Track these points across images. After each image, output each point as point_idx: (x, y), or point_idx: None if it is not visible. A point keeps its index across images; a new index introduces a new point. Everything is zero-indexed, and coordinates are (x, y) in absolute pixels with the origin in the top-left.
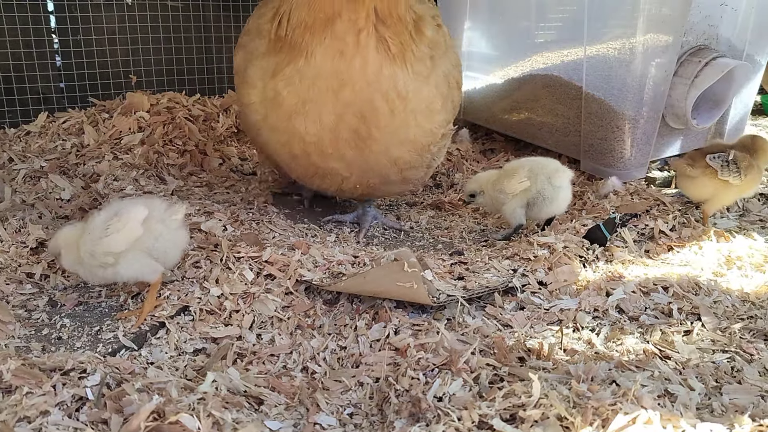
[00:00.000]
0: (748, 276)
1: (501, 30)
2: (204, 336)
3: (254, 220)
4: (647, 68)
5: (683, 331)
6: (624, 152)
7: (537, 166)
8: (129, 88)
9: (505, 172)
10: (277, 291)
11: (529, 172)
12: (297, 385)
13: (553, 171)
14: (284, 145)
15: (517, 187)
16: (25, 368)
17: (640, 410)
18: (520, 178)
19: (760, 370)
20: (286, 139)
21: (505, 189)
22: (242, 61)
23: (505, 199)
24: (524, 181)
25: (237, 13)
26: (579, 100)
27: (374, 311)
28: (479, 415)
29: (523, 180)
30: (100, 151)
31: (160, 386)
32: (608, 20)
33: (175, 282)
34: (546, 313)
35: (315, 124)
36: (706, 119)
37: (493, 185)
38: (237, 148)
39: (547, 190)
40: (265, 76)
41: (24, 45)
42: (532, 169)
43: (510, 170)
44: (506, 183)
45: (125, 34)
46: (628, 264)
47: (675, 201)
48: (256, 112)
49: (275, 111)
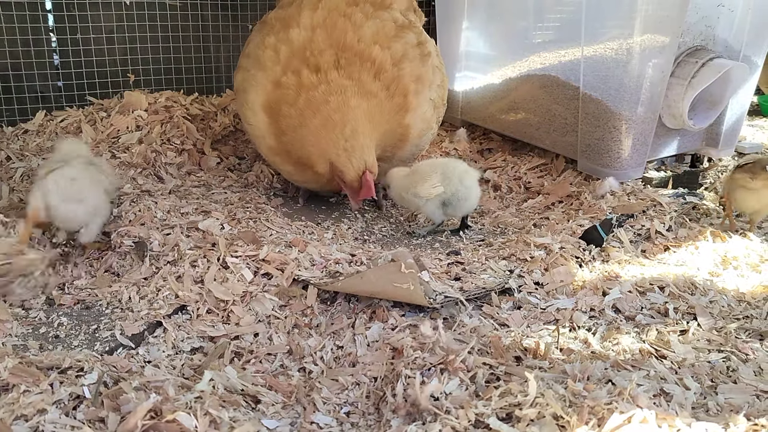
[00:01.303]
0: (744, 276)
1: (499, 30)
2: (201, 335)
3: (252, 218)
4: (644, 69)
5: (679, 331)
6: (621, 152)
7: (448, 169)
8: (127, 86)
9: (416, 174)
10: (274, 290)
11: (442, 176)
12: (294, 384)
13: (463, 172)
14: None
15: (432, 192)
16: (23, 366)
17: (636, 409)
18: (434, 182)
19: (756, 370)
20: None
21: (420, 193)
22: (242, 83)
23: (420, 201)
24: (438, 186)
25: (235, 12)
26: (576, 100)
27: (371, 310)
28: (476, 414)
29: (436, 185)
30: (98, 150)
31: (157, 385)
32: (605, 21)
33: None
34: (542, 312)
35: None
36: (702, 120)
37: (406, 188)
38: (234, 147)
39: (461, 191)
40: (268, 129)
41: (22, 44)
42: (445, 173)
43: (421, 173)
44: (420, 187)
45: (123, 32)
46: (625, 264)
47: (672, 202)
48: (257, 131)
49: (278, 155)
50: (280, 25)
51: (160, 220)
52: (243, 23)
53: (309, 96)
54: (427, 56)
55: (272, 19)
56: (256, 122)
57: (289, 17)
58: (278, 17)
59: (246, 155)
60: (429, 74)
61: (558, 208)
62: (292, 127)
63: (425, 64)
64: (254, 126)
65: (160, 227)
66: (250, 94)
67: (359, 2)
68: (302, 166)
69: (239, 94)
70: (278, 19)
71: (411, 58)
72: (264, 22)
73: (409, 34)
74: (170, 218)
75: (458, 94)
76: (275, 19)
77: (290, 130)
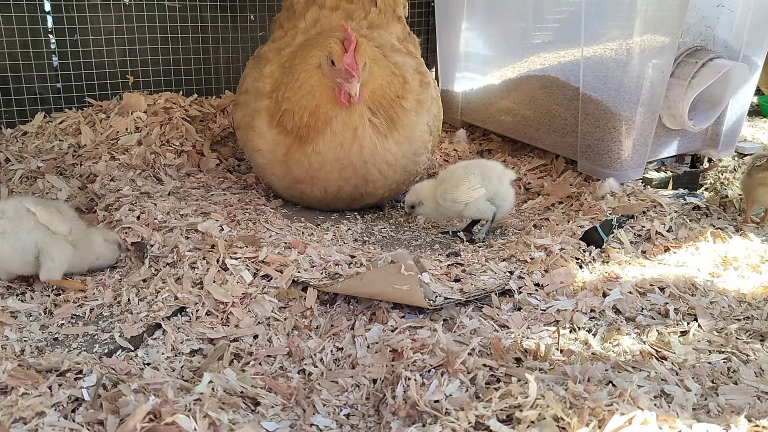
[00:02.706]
0: (744, 277)
1: (498, 31)
2: (200, 337)
3: (251, 219)
4: (644, 69)
5: (680, 332)
6: (621, 153)
7: (486, 169)
8: (126, 88)
9: (449, 180)
10: (273, 292)
11: (481, 177)
12: (294, 386)
13: (501, 173)
14: (287, 190)
15: (472, 195)
16: (22, 369)
17: (637, 411)
18: (472, 185)
19: (756, 371)
20: (290, 190)
21: (459, 198)
22: (243, 117)
23: (460, 206)
24: (478, 188)
25: (234, 13)
26: (576, 101)
27: (371, 312)
28: (476, 416)
29: (476, 186)
30: (97, 152)
31: (156, 387)
32: (605, 21)
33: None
34: (543, 313)
35: (320, 191)
36: (702, 120)
37: (442, 196)
38: (233, 149)
39: (501, 190)
40: (275, 149)
41: (21, 45)
42: (484, 173)
43: (456, 177)
44: (458, 192)
45: (122, 34)
46: (625, 265)
47: (672, 202)
48: (267, 154)
49: (284, 176)
50: (274, 54)
51: (160, 221)
52: (242, 24)
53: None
54: (426, 84)
55: (267, 52)
56: (265, 144)
57: (285, 45)
58: (273, 49)
59: (245, 157)
60: (428, 101)
61: (558, 209)
62: (284, 84)
63: (425, 90)
64: (263, 150)
65: (159, 229)
66: (256, 122)
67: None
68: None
69: (242, 130)
70: (272, 50)
71: (411, 75)
72: (258, 57)
73: (408, 57)
74: (170, 220)
75: (458, 95)
76: (270, 52)
77: (284, 88)
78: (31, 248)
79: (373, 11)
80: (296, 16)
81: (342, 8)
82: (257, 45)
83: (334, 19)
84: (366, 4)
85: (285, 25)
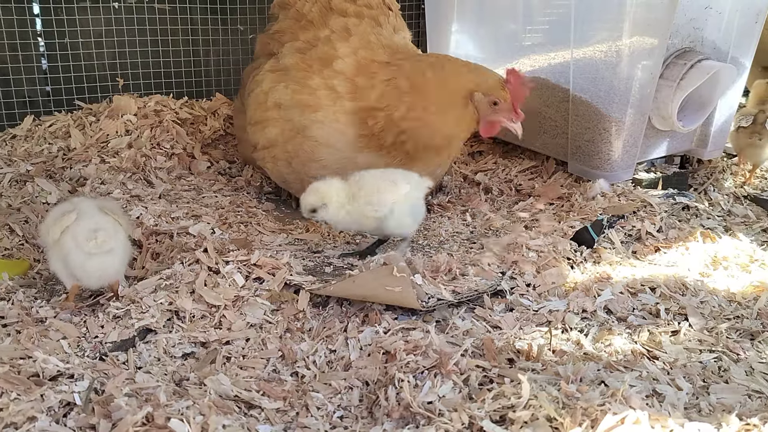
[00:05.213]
0: (734, 276)
1: (488, 32)
2: (193, 340)
3: (243, 222)
4: (633, 71)
5: (671, 332)
6: (611, 154)
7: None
8: (116, 91)
9: (365, 184)
10: (266, 294)
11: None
12: (287, 389)
13: (417, 181)
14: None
15: (399, 193)
16: (13, 373)
17: (629, 410)
18: (401, 185)
19: (747, 370)
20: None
21: (384, 200)
22: (281, 133)
23: (383, 210)
24: (408, 190)
25: (225, 16)
26: (566, 102)
27: (364, 314)
28: (469, 417)
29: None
30: (87, 155)
31: (148, 391)
32: (595, 23)
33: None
34: (535, 314)
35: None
36: (691, 121)
37: (354, 197)
38: (225, 151)
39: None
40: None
41: (9, 48)
42: (405, 176)
43: (373, 180)
44: (380, 195)
45: (112, 37)
46: (616, 265)
47: (662, 203)
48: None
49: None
50: (318, 64)
51: (151, 225)
52: (233, 27)
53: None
54: None
55: (301, 64)
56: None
57: (329, 57)
58: (312, 60)
59: (236, 159)
60: None
61: (549, 210)
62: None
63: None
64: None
65: (150, 232)
66: (315, 131)
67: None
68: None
69: (278, 147)
70: (314, 61)
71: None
72: (286, 70)
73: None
74: (161, 223)
75: None
76: (309, 62)
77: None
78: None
79: (391, 15)
80: (315, 27)
81: (367, 15)
82: (248, 47)
83: (364, 27)
84: (382, 7)
85: (301, 36)
